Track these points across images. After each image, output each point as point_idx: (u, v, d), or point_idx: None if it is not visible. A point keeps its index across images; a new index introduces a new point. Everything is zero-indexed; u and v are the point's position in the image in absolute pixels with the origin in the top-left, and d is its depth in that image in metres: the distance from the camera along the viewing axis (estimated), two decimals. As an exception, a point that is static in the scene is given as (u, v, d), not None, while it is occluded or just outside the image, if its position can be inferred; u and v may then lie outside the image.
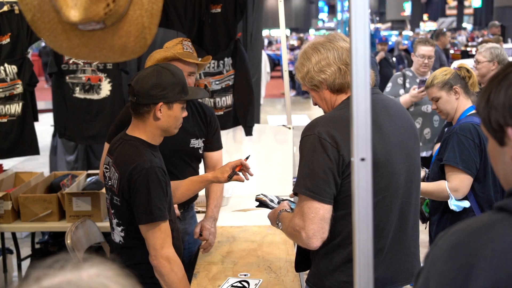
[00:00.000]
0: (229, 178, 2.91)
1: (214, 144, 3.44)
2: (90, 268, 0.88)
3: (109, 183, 2.69)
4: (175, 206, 3.16)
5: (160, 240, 2.55)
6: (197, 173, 3.39)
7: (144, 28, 1.49)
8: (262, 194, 2.79)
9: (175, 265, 2.57)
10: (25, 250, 5.27)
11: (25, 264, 4.94)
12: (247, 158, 2.98)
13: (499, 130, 1.20)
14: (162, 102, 2.58)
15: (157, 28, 1.55)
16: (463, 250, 1.13)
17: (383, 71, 10.14)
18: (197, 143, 3.33)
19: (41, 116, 5.10)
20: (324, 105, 2.37)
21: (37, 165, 8.63)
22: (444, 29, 10.81)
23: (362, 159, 1.26)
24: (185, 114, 2.72)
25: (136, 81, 2.57)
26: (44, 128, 7.58)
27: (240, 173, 2.93)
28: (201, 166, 3.49)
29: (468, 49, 18.17)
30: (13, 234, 4.69)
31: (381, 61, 10.85)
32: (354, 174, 1.28)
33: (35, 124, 4.67)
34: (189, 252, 3.41)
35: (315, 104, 2.43)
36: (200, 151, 3.37)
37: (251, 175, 2.95)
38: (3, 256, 4.75)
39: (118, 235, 2.73)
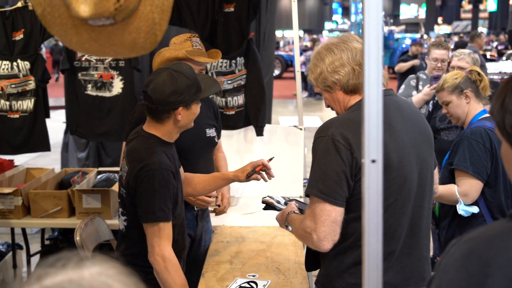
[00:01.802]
0: (248, 177, 2.94)
1: (220, 133, 3.64)
2: (92, 266, 0.87)
3: (120, 173, 2.78)
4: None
5: (157, 239, 2.60)
6: (212, 161, 3.51)
7: (155, 24, 1.48)
8: (268, 196, 2.78)
9: (170, 264, 2.60)
10: (35, 246, 5.28)
11: (35, 260, 4.95)
12: (270, 159, 3.01)
13: None
14: (181, 106, 2.64)
15: (167, 25, 1.53)
16: (477, 259, 1.11)
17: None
18: (211, 132, 3.44)
19: (53, 113, 5.11)
20: (337, 106, 2.35)
21: (49, 161, 8.66)
22: (479, 31, 10.56)
23: (373, 161, 1.23)
24: (199, 106, 2.79)
25: (153, 90, 2.61)
26: (56, 124, 7.60)
27: (263, 173, 2.97)
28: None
29: (488, 54, 18.09)
30: (23, 230, 4.70)
31: (414, 67, 9.77)
32: (364, 176, 1.25)
33: (47, 120, 4.68)
34: (205, 250, 3.42)
35: (328, 106, 2.41)
36: (216, 140, 3.50)
37: (273, 176, 2.98)
38: (13, 251, 4.76)
39: (121, 223, 2.81)
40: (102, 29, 1.49)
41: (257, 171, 2.94)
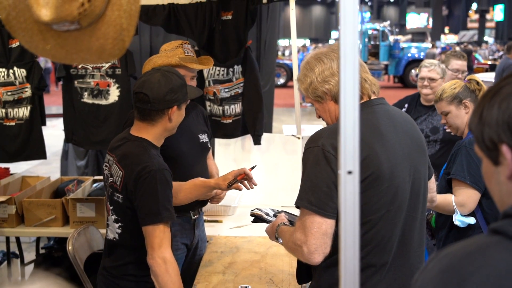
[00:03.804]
0: (229, 186, 2.92)
1: (211, 139, 3.60)
2: (32, 284, 0.83)
3: (110, 180, 2.72)
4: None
5: (158, 240, 2.55)
6: (207, 166, 3.47)
7: (123, 30, 1.44)
8: (257, 208, 2.75)
9: (171, 266, 2.56)
10: (32, 255, 5.24)
11: (30, 269, 4.91)
12: (252, 168, 3.00)
13: (493, 149, 1.14)
14: (176, 105, 2.67)
15: (135, 30, 1.50)
16: (455, 275, 1.07)
17: None
18: (204, 137, 3.41)
19: (56, 121, 5.10)
20: (327, 117, 2.32)
21: (51, 169, 8.63)
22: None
23: (349, 172, 1.19)
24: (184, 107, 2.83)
25: (149, 89, 2.63)
26: (58, 132, 7.59)
27: (246, 182, 2.95)
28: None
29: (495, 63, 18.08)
30: (17, 239, 4.67)
31: None
32: (340, 188, 1.21)
33: (49, 128, 4.66)
34: (200, 259, 3.38)
35: (319, 117, 2.37)
36: (209, 145, 3.47)
37: (255, 184, 2.97)
38: (8, 260, 4.73)
39: (113, 232, 2.75)
40: (68, 35, 1.45)
41: (239, 180, 2.92)
